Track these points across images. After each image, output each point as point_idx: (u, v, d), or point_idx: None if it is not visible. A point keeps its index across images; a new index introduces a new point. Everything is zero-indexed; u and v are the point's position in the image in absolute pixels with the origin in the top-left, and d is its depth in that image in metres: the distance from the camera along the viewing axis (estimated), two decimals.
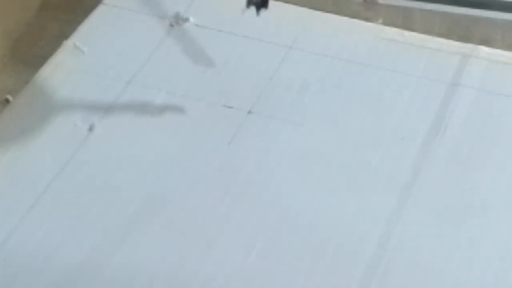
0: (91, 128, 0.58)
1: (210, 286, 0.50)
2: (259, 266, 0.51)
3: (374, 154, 0.57)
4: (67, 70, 0.63)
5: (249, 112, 0.59)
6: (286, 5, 0.66)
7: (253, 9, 0.56)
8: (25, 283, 0.50)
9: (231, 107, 0.59)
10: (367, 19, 0.66)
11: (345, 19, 0.66)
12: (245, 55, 0.63)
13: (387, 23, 0.65)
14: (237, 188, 0.55)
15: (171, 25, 0.66)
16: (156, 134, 0.58)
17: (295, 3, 0.66)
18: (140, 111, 0.60)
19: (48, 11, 0.68)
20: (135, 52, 0.64)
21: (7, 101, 0.61)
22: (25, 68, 0.63)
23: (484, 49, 0.63)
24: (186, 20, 0.66)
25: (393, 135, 0.58)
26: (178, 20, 0.66)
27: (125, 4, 0.68)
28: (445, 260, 0.50)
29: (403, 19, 0.65)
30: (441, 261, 0.50)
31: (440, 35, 0.64)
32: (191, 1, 0.67)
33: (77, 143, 0.58)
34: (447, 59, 0.62)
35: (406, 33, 0.64)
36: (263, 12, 0.56)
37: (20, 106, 0.60)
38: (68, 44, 0.64)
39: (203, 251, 0.51)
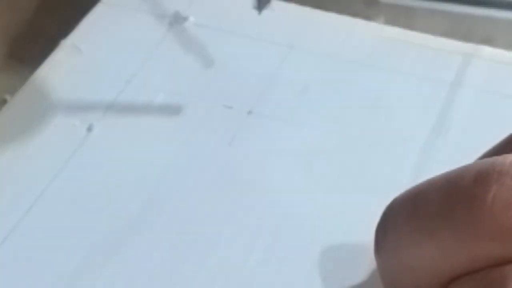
0: (90, 128, 0.58)
1: (211, 286, 0.50)
2: (260, 267, 0.50)
3: (375, 154, 0.56)
4: (65, 69, 0.62)
5: (249, 112, 0.59)
6: (287, 4, 0.66)
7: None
8: (25, 284, 0.50)
9: (231, 107, 0.59)
10: (368, 18, 0.65)
11: (347, 18, 0.65)
12: (245, 55, 0.62)
13: (389, 22, 0.65)
14: (237, 189, 0.54)
15: (171, 24, 0.65)
16: (156, 134, 0.58)
17: (296, 2, 0.66)
18: (139, 111, 0.59)
19: (46, 10, 0.68)
20: (134, 51, 0.63)
21: (4, 101, 0.61)
22: (23, 68, 0.63)
23: (486, 49, 0.62)
24: (186, 19, 0.65)
25: (395, 135, 0.57)
26: (177, 19, 0.65)
27: (124, 3, 0.67)
28: None
29: (405, 18, 0.65)
30: None
31: (442, 34, 0.64)
32: (191, 0, 0.67)
33: (76, 143, 0.57)
34: (449, 59, 0.62)
35: (408, 32, 0.64)
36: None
37: (18, 106, 0.60)
38: (66, 43, 0.64)
39: (203, 252, 0.51)
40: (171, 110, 0.59)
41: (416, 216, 0.19)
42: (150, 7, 0.67)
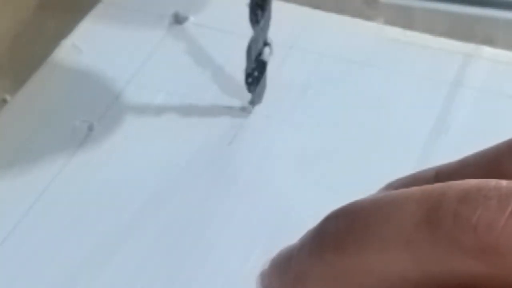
0: (90, 128, 0.58)
1: (211, 287, 0.50)
2: (260, 267, 0.50)
3: (375, 154, 0.56)
4: (65, 69, 0.62)
5: (249, 112, 0.59)
6: (287, 4, 0.66)
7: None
8: (25, 283, 0.50)
9: (231, 107, 0.59)
10: (368, 18, 0.65)
11: (347, 18, 0.65)
12: (245, 55, 0.62)
13: (388, 22, 0.65)
14: (237, 189, 0.54)
15: (171, 24, 0.65)
16: (156, 134, 0.58)
17: (296, 2, 0.66)
18: (140, 111, 0.59)
19: (46, 10, 0.68)
20: (134, 51, 0.63)
21: (4, 101, 0.61)
22: (23, 68, 0.63)
23: (486, 49, 0.62)
24: (186, 19, 0.65)
25: (395, 135, 0.57)
26: (177, 19, 0.65)
27: (124, 3, 0.67)
28: None
29: (404, 18, 0.65)
30: None
31: (442, 34, 0.63)
32: (191, 0, 0.67)
33: (77, 143, 0.57)
34: (449, 59, 0.62)
35: (408, 32, 0.64)
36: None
37: (18, 106, 0.60)
38: (66, 43, 0.64)
39: (203, 252, 0.51)
40: (171, 110, 0.59)
41: (391, 221, 0.19)
42: (150, 7, 0.67)
